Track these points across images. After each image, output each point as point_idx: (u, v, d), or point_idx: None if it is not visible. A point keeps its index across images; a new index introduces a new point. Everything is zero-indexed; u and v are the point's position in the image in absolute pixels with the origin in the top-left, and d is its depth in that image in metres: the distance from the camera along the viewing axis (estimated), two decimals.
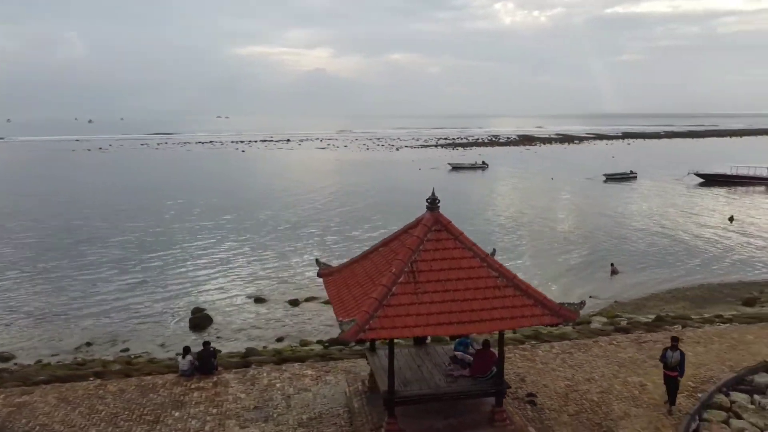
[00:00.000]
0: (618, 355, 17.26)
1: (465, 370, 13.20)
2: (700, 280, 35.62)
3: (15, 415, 14.04)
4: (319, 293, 33.00)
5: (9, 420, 13.79)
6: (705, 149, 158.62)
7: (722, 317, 22.84)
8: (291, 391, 15.17)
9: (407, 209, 60.41)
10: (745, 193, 76.19)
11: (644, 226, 52.47)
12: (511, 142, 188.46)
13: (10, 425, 13.52)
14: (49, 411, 14.25)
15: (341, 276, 14.08)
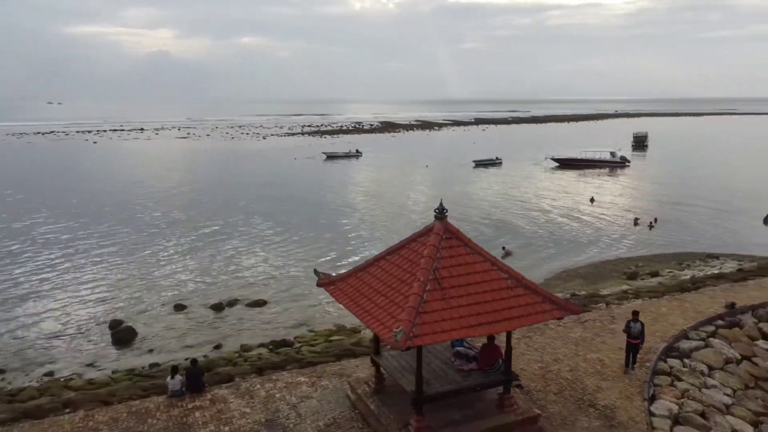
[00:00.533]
0: (570, 336, 19.49)
1: (472, 363, 14.37)
2: (585, 259, 40.09)
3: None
4: (242, 296, 32.58)
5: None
6: (548, 134, 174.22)
7: (631, 292, 26.36)
8: (294, 400, 15.37)
9: (302, 202, 61.01)
10: (593, 175, 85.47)
11: (520, 210, 57.28)
12: (375, 129, 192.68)
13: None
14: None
15: (349, 285, 14.55)
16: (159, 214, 54.91)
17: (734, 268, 33.34)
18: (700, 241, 44.85)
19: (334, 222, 52.20)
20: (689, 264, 36.69)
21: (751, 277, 26.91)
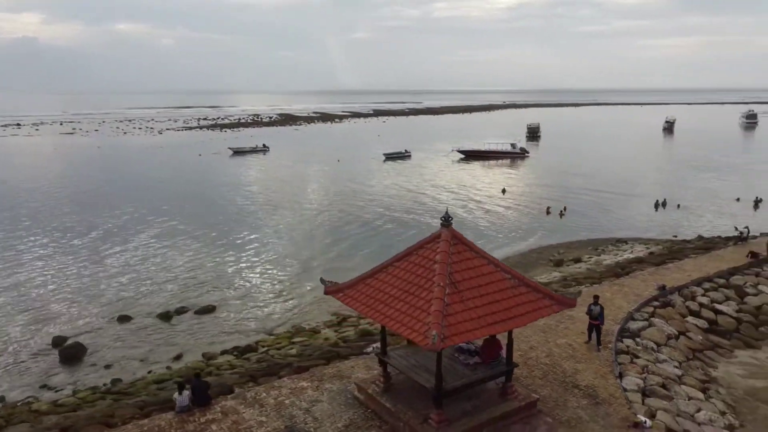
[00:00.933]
0: (536, 324, 21.26)
1: (475, 357, 15.57)
2: (511, 249, 42.82)
3: None
4: (188, 303, 31.91)
5: None
6: (447, 125, 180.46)
7: (570, 279, 28.86)
8: (304, 405, 15.81)
9: (221, 202, 59.64)
10: (496, 165, 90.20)
11: (440, 202, 59.65)
12: (275, 121, 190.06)
13: None
14: None
15: (359, 292, 15.20)
16: (70, 220, 51.73)
17: (644, 251, 37.24)
18: (605, 227, 49.21)
19: (258, 222, 51.81)
20: (604, 249, 40.38)
21: (668, 260, 30.36)
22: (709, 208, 55.71)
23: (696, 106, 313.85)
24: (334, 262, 39.35)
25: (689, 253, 31.49)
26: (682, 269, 27.72)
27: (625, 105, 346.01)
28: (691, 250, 32.35)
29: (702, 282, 26.03)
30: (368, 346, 21.09)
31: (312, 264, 39.13)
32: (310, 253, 41.66)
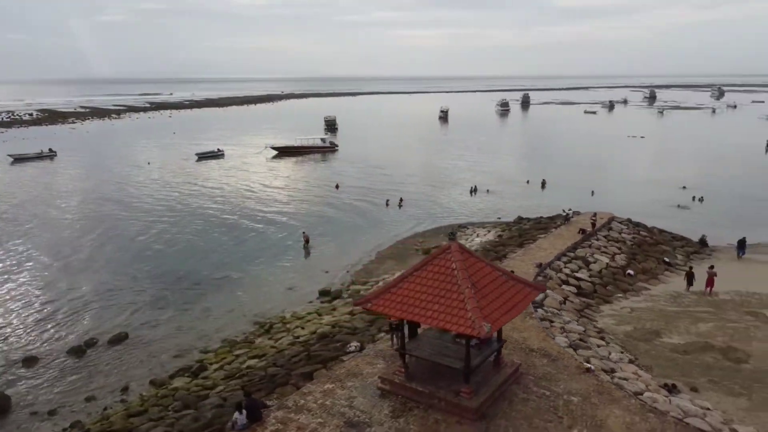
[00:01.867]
0: None
1: (474, 340, 19.45)
2: (378, 241, 47.19)
3: None
4: (94, 333, 30.37)
5: None
6: (237, 118, 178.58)
7: None
8: (344, 402, 18.10)
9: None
10: (311, 160, 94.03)
11: (285, 201, 61.85)
12: (40, 119, 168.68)
13: None
14: None
15: (388, 300, 17.99)
16: None
17: (488, 234, 44.55)
18: (439, 215, 56.28)
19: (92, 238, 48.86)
20: (459, 235, 46.96)
21: (524, 242, 37.52)
22: (511, 190, 66.61)
23: (453, 95, 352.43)
24: (193, 275, 39.80)
25: (535, 234, 39.15)
26: (541, 248, 34.88)
27: (397, 94, 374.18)
28: (536, 231, 40.14)
29: (560, 257, 33.33)
30: (349, 345, 23.67)
31: (196, 277, 39.08)
32: (178, 269, 41.29)
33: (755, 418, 18.61)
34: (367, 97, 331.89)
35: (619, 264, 34.50)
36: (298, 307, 33.61)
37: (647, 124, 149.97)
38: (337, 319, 29.00)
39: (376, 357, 21.31)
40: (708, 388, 20.74)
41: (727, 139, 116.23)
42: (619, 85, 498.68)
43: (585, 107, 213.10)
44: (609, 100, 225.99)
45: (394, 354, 20.94)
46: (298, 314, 32.13)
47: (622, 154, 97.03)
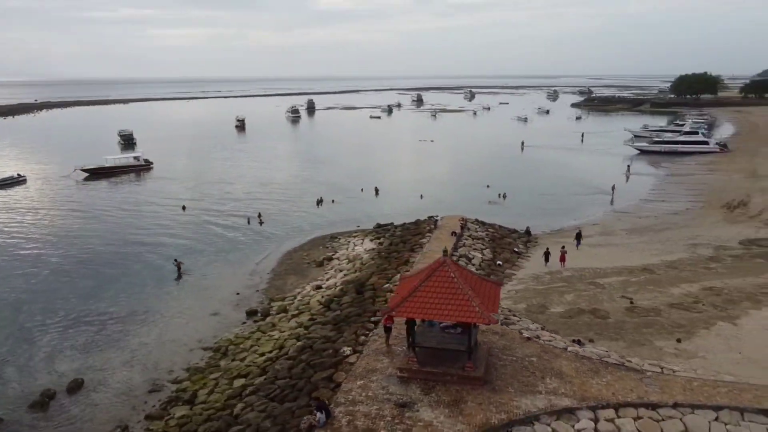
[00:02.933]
0: None
1: (458, 330, 25.61)
2: (262, 258, 50.21)
3: None
4: (48, 384, 29.80)
5: None
6: (18, 131, 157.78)
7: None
8: (381, 391, 22.91)
9: None
10: (130, 181, 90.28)
11: (135, 228, 60.57)
12: None
13: None
14: None
15: (411, 306, 23.24)
16: None
17: (366, 242, 50.85)
18: (305, 227, 60.82)
19: None
20: (334, 246, 52.30)
21: (414, 247, 44.47)
22: (351, 199, 73.49)
23: (231, 100, 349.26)
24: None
25: (416, 239, 46.45)
26: (433, 251, 42.20)
27: (172, 100, 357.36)
28: (413, 236, 47.41)
29: (451, 256, 41.00)
30: (342, 350, 28.01)
31: (105, 315, 38.78)
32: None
33: (635, 353, 27.94)
34: (141, 105, 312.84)
35: (488, 257, 43.54)
36: (234, 329, 36.22)
37: (429, 128, 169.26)
38: (295, 332, 32.87)
39: (377, 355, 26.33)
40: (597, 339, 29.85)
41: (496, 139, 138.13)
42: (385, 87, 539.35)
43: (369, 112, 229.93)
44: (388, 105, 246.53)
45: (391, 350, 26.34)
46: (243, 335, 34.95)
47: (425, 157, 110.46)
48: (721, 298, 34.54)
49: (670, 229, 55.37)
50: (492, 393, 22.90)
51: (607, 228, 56.40)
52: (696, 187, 76.68)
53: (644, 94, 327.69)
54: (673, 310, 33.17)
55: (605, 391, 22.91)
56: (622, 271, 40.87)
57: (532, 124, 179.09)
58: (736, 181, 78.22)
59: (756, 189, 70.81)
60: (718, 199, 67.62)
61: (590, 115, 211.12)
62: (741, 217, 58.42)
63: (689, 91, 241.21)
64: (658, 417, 21.61)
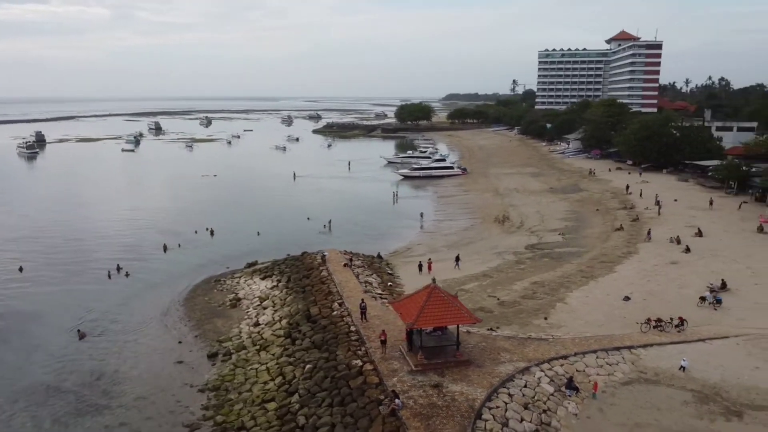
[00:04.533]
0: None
1: (438, 332, 36.97)
2: (162, 308, 53.63)
3: None
4: None
5: None
6: None
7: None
8: (414, 381, 33.11)
9: None
10: None
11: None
12: None
13: None
14: None
15: (424, 319, 34.11)
16: None
17: (262, 279, 58.00)
18: (180, 272, 63.82)
19: None
20: (226, 288, 57.96)
21: (326, 280, 53.49)
22: (192, 242, 77.18)
23: None
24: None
25: (319, 272, 55.39)
26: (347, 280, 51.99)
27: None
28: (308, 270, 56.14)
29: (361, 284, 51.65)
30: (351, 362, 36.78)
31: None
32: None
33: (528, 330, 42.76)
34: None
35: (378, 280, 55.28)
36: (206, 374, 41.40)
37: (195, 161, 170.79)
38: (280, 361, 40.23)
39: (384, 362, 36.25)
40: (498, 326, 44.07)
41: (268, 170, 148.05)
42: (108, 113, 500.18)
43: (114, 143, 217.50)
44: (133, 136, 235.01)
45: (389, 356, 36.53)
46: (224, 374, 40.74)
47: (226, 193, 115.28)
48: (546, 288, 52.17)
49: (473, 242, 73.95)
50: (479, 368, 35.11)
51: (431, 247, 72.47)
52: (465, 207, 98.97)
53: (366, 117, 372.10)
54: (525, 300, 49.50)
55: (537, 354, 36.99)
56: (472, 279, 56.50)
57: (291, 152, 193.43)
58: (489, 200, 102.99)
59: (507, 205, 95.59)
60: (487, 215, 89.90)
61: (336, 142, 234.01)
62: (512, 228, 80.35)
63: (410, 117, 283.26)
64: (570, 363, 36.42)
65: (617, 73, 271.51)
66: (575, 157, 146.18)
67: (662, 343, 38.87)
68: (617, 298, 48.02)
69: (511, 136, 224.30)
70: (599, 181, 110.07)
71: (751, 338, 39.57)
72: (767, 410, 31.73)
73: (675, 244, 62.33)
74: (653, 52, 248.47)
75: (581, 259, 61.46)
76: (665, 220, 74.32)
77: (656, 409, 32.28)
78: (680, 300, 46.86)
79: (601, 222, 79.42)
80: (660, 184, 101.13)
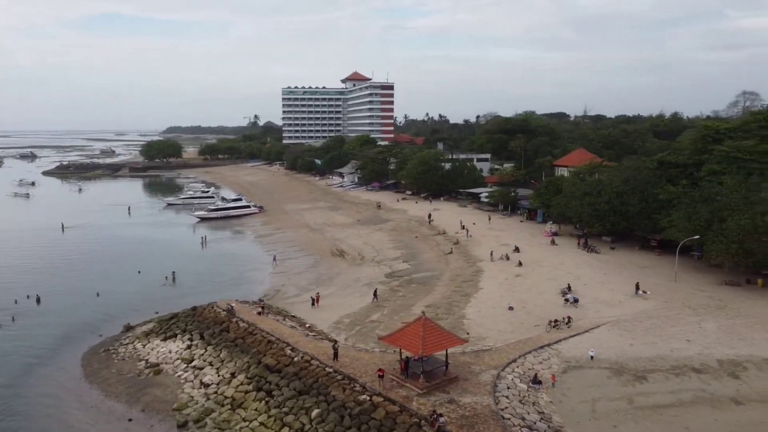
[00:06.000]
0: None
1: (425, 358, 42.51)
2: (71, 374, 47.92)
3: None
4: None
5: None
6: None
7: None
8: (429, 403, 38.29)
9: None
10: None
11: None
12: None
13: None
14: None
15: (428, 345, 39.60)
16: None
17: (167, 339, 55.08)
18: (69, 336, 56.01)
19: None
20: (127, 355, 53.63)
21: (247, 335, 53.24)
22: (35, 310, 67.35)
23: None
24: None
25: (237, 324, 54.74)
26: (272, 326, 52.94)
27: None
28: (220, 325, 55.14)
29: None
30: (360, 398, 39.82)
31: None
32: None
33: (486, 341, 50.79)
34: None
35: (299, 322, 57.47)
36: None
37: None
38: (271, 414, 41.25)
39: (390, 391, 40.57)
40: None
41: (21, 222, 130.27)
42: None
43: None
44: None
45: (389, 386, 41.11)
46: None
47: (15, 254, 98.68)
48: (441, 309, 61.05)
49: (333, 277, 79.26)
50: (466, 381, 42.09)
51: (298, 285, 75.60)
52: (292, 244, 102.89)
53: (90, 154, 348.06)
54: (436, 320, 57.52)
55: (495, 361, 45.39)
56: (370, 310, 62.48)
57: (38, 199, 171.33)
58: (309, 236, 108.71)
59: (332, 239, 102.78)
60: (321, 250, 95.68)
61: (84, 184, 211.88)
62: (356, 261, 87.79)
63: (159, 155, 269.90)
64: (519, 364, 45.65)
65: (357, 109, 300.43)
66: (357, 190, 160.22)
67: (566, 338, 50.56)
68: (503, 309, 59.16)
69: (275, 170, 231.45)
70: (396, 211, 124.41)
71: (613, 324, 53.86)
72: (658, 371, 45.02)
73: (505, 260, 77.17)
74: (387, 92, 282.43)
75: (443, 282, 72.05)
76: (479, 242, 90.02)
77: (596, 386, 43.25)
78: (549, 304, 60.12)
79: (428, 248, 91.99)
80: (448, 210, 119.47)
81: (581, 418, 39.33)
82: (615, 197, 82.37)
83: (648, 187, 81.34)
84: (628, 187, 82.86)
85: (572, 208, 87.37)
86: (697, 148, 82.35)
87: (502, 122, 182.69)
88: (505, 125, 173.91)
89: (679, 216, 71.39)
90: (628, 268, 72.66)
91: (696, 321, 54.39)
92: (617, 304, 59.78)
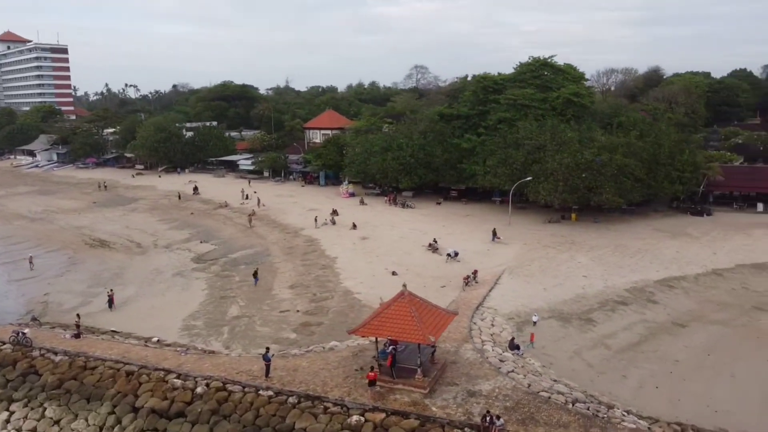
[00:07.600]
0: None
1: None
2: None
3: None
4: None
5: None
6: None
7: None
8: (449, 400, 28.30)
9: None
10: None
11: None
12: None
13: None
14: None
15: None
16: None
17: None
18: None
19: None
20: None
21: None
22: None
23: None
24: None
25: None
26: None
27: None
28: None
29: None
30: (358, 420, 27.12)
31: None
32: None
33: None
34: None
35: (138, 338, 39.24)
36: None
37: None
38: None
39: (387, 399, 29.17)
40: None
41: None
42: None
43: None
44: None
45: (379, 391, 29.91)
46: None
47: None
48: (314, 288, 49.48)
49: (122, 271, 58.98)
50: (454, 363, 33.17)
51: (74, 291, 53.94)
52: (24, 239, 74.40)
53: None
54: (325, 302, 46.02)
55: (454, 333, 37.26)
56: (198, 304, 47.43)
57: None
58: (39, 227, 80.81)
59: (75, 228, 78.32)
60: (68, 241, 71.49)
61: None
62: (134, 249, 67.56)
63: None
64: (477, 333, 38.41)
65: (20, 77, 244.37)
66: (64, 169, 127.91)
67: (488, 294, 44.90)
68: (386, 276, 50.53)
69: None
70: (141, 188, 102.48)
71: (508, 272, 50.30)
72: (593, 310, 42.90)
73: (330, 225, 68.06)
74: (61, 56, 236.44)
75: (279, 258, 59.47)
76: (283, 210, 78.51)
77: (562, 338, 39.19)
78: (430, 262, 53.81)
79: (219, 223, 76.45)
80: (205, 181, 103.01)
81: (589, 376, 34.40)
82: (418, 149, 79.99)
83: (447, 138, 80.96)
84: (428, 140, 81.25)
85: (373, 164, 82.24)
86: (478, 99, 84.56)
87: (219, 89, 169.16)
88: (223, 92, 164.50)
89: (494, 162, 72.10)
90: (455, 218, 70.93)
91: (568, 258, 54.59)
92: (487, 252, 56.84)
